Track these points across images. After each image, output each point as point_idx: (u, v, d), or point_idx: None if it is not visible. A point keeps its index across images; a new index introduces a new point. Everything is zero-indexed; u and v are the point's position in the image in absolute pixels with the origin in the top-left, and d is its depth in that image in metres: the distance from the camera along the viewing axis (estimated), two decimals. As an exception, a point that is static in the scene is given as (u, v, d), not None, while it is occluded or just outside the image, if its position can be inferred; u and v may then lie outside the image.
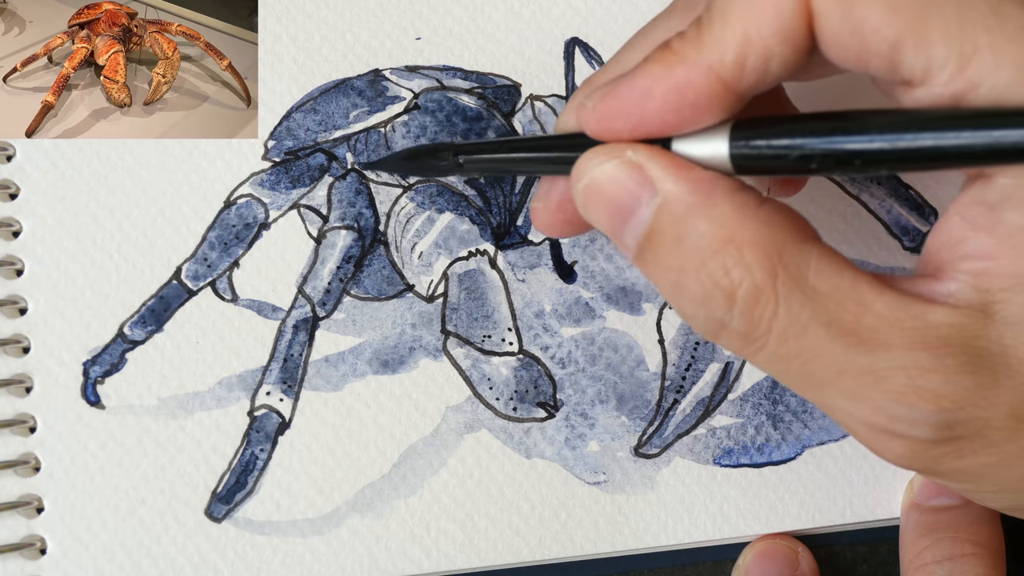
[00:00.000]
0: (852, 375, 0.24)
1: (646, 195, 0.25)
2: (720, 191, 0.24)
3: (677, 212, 0.25)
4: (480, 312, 0.36)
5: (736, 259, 0.24)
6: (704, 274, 0.24)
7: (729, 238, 0.24)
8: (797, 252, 0.24)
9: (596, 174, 0.26)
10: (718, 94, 0.24)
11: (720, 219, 0.24)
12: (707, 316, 0.25)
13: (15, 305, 0.35)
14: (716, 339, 0.25)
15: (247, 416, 0.35)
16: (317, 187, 0.37)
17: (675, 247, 0.25)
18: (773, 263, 0.24)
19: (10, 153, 0.36)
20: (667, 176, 0.25)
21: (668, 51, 0.25)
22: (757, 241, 0.24)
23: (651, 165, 0.25)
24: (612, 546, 0.35)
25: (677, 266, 0.25)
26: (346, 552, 0.34)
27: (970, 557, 0.33)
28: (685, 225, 0.24)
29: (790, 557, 0.35)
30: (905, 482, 0.36)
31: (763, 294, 0.24)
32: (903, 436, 0.24)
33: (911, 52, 0.23)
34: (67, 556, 0.34)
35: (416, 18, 0.38)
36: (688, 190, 0.24)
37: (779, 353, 0.24)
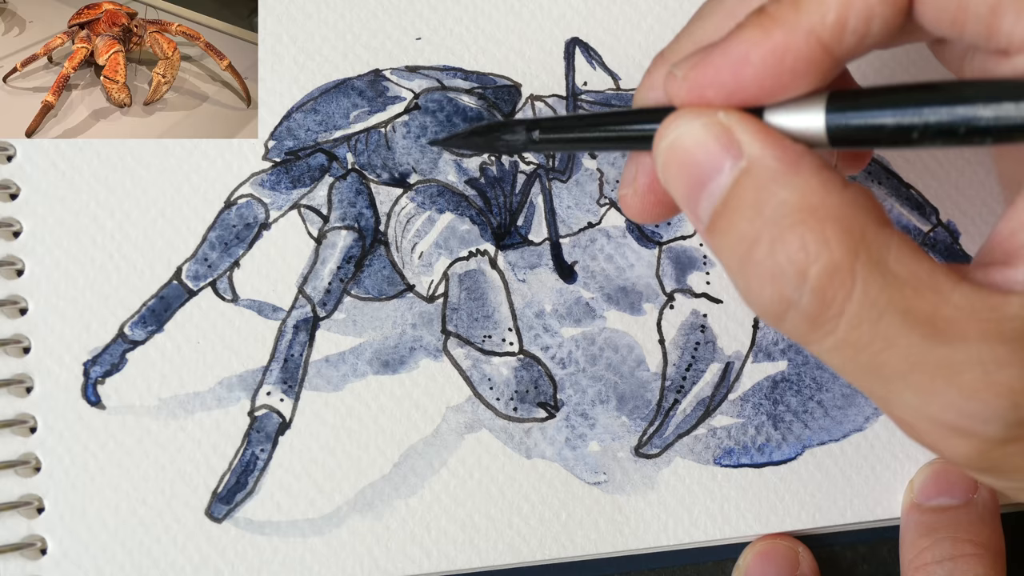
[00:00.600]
0: (926, 368, 0.23)
1: (731, 159, 0.24)
2: (807, 164, 0.23)
3: (761, 179, 0.24)
4: (480, 312, 0.36)
5: (816, 233, 0.23)
6: (779, 245, 0.23)
7: (812, 210, 0.23)
8: (878, 235, 0.23)
9: (682, 132, 0.25)
10: (818, 58, 0.24)
11: (805, 190, 0.23)
12: (774, 294, 0.23)
13: (15, 305, 0.35)
14: (779, 323, 0.24)
15: (247, 416, 0.35)
16: (317, 187, 0.37)
17: (752, 215, 0.24)
18: (855, 242, 0.23)
19: (10, 153, 0.36)
20: (755, 141, 0.24)
21: (765, 15, 0.24)
22: (840, 218, 0.23)
23: (740, 129, 0.24)
24: (612, 546, 0.35)
25: (751, 235, 0.24)
26: (346, 552, 0.34)
27: (970, 557, 0.33)
28: (767, 192, 0.23)
29: (790, 557, 0.35)
30: (905, 482, 0.36)
31: (840, 273, 0.23)
32: (972, 434, 0.23)
33: (1011, 17, 0.22)
34: (67, 556, 0.34)
35: (416, 18, 0.38)
36: (776, 157, 0.24)
37: (849, 339, 0.23)
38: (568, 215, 0.37)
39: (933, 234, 0.38)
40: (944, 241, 0.38)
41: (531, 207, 0.37)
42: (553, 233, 0.37)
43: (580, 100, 0.38)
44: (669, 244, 0.37)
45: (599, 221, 0.37)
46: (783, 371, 0.36)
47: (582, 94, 0.38)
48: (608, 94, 0.38)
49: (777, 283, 0.23)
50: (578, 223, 0.37)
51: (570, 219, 0.37)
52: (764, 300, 0.24)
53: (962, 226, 0.38)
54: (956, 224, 0.38)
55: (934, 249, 0.38)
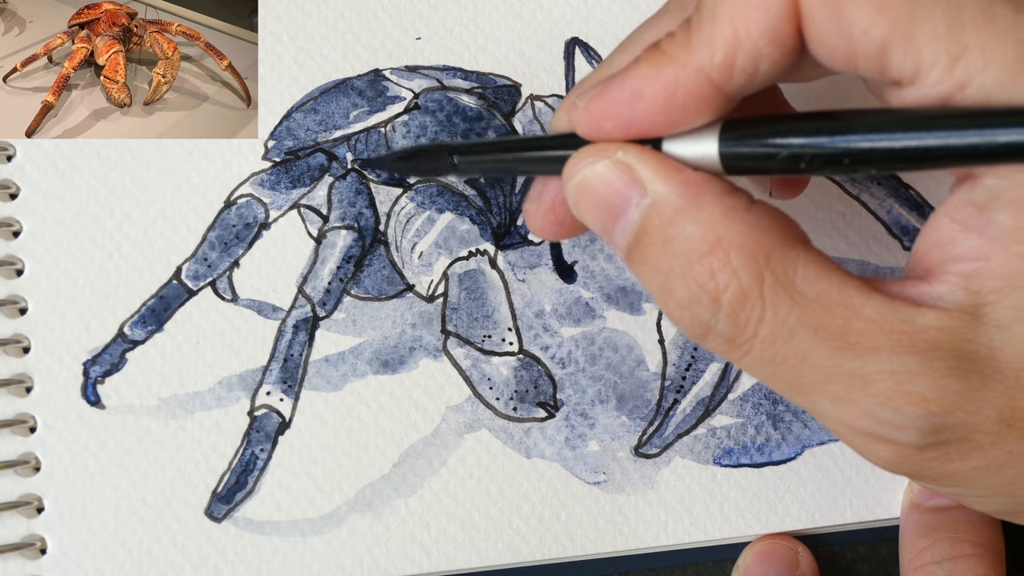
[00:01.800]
0: (839, 379, 0.24)
1: (635, 196, 0.25)
2: (709, 193, 0.24)
3: (666, 214, 0.25)
4: (480, 312, 0.36)
5: (723, 263, 0.24)
6: (690, 277, 0.24)
7: (717, 241, 0.24)
8: (784, 256, 0.24)
9: (587, 173, 0.26)
10: (707, 95, 0.24)
11: (708, 222, 0.24)
12: (693, 319, 0.25)
13: (15, 305, 0.35)
14: (703, 342, 0.25)
15: (247, 416, 0.35)
16: (317, 187, 0.37)
17: (663, 249, 0.25)
18: (760, 267, 0.24)
19: (10, 153, 0.36)
20: (656, 177, 0.25)
21: (658, 52, 0.25)
22: (745, 245, 0.24)
23: (640, 166, 0.25)
24: (612, 546, 0.35)
25: (665, 268, 0.25)
26: (346, 552, 0.34)
27: (970, 558, 0.33)
28: (674, 227, 0.25)
29: (790, 557, 0.35)
30: (905, 482, 0.36)
31: (749, 298, 0.24)
32: (889, 440, 0.24)
33: (899, 53, 0.23)
34: (67, 556, 0.34)
35: (416, 18, 0.38)
36: (677, 192, 0.25)
37: (765, 357, 0.24)
38: (568, 215, 0.37)
39: (933, 234, 0.38)
40: (944, 241, 0.38)
41: (531, 207, 0.37)
42: (553, 233, 0.37)
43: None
44: (669, 244, 0.37)
45: (599, 221, 0.37)
46: (783, 371, 0.36)
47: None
48: (608, 94, 0.38)
49: (693, 310, 0.25)
50: (578, 223, 0.37)
51: (570, 219, 0.37)
52: (685, 324, 0.25)
53: (962, 226, 0.38)
54: (956, 224, 0.38)
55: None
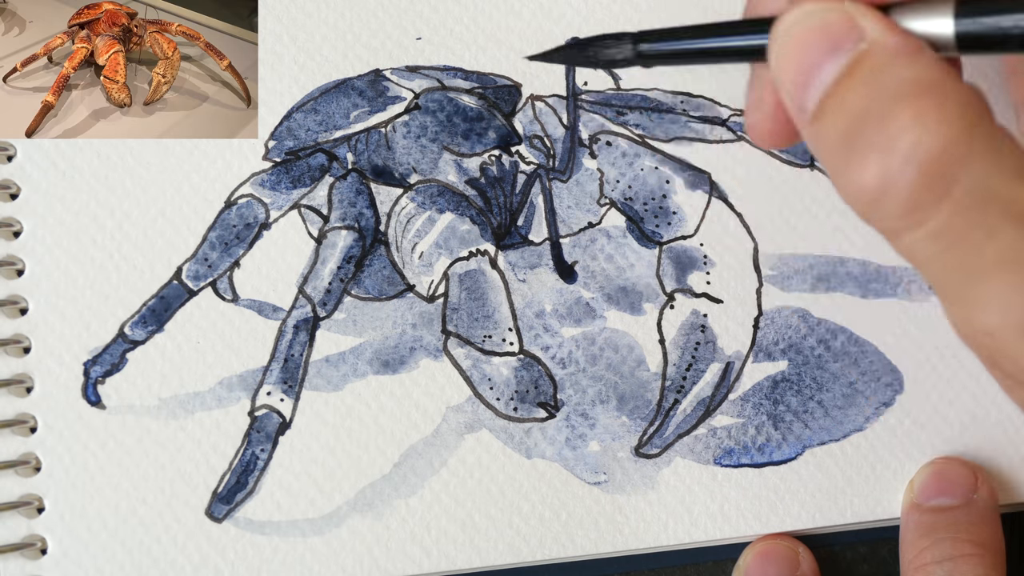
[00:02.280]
0: (1022, 265, 0.21)
1: (851, 40, 0.23)
2: (929, 54, 0.23)
3: (880, 58, 0.23)
4: (480, 312, 0.36)
5: (937, 105, 0.21)
6: (892, 117, 0.22)
7: (933, 86, 0.22)
8: (992, 124, 0.22)
9: (802, 15, 0.24)
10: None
11: (926, 70, 0.22)
12: (877, 172, 0.22)
13: (15, 305, 0.35)
14: (875, 207, 0.22)
15: (248, 416, 0.35)
16: (318, 187, 0.37)
17: (867, 90, 0.22)
18: (973, 123, 0.22)
19: (10, 153, 0.36)
20: (878, 26, 0.23)
21: None
22: (961, 97, 0.22)
23: (863, 16, 0.23)
24: (612, 546, 0.35)
25: (862, 109, 0.22)
26: (346, 552, 0.34)
27: (970, 558, 0.33)
28: (886, 69, 0.22)
29: (790, 557, 0.35)
30: (905, 482, 0.36)
31: (955, 149, 0.21)
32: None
33: None
34: (67, 556, 0.34)
35: (417, 18, 0.38)
36: (897, 42, 0.23)
37: (950, 224, 0.22)
38: (568, 215, 0.37)
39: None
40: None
41: (531, 207, 0.37)
42: (553, 233, 0.37)
43: (580, 100, 0.38)
44: (669, 244, 0.37)
45: (599, 221, 0.37)
46: (783, 371, 0.36)
47: (582, 94, 0.38)
48: (608, 94, 0.38)
49: (883, 158, 0.22)
50: (578, 223, 0.37)
51: (570, 219, 0.37)
52: (864, 180, 0.22)
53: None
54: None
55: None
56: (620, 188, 0.37)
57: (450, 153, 0.37)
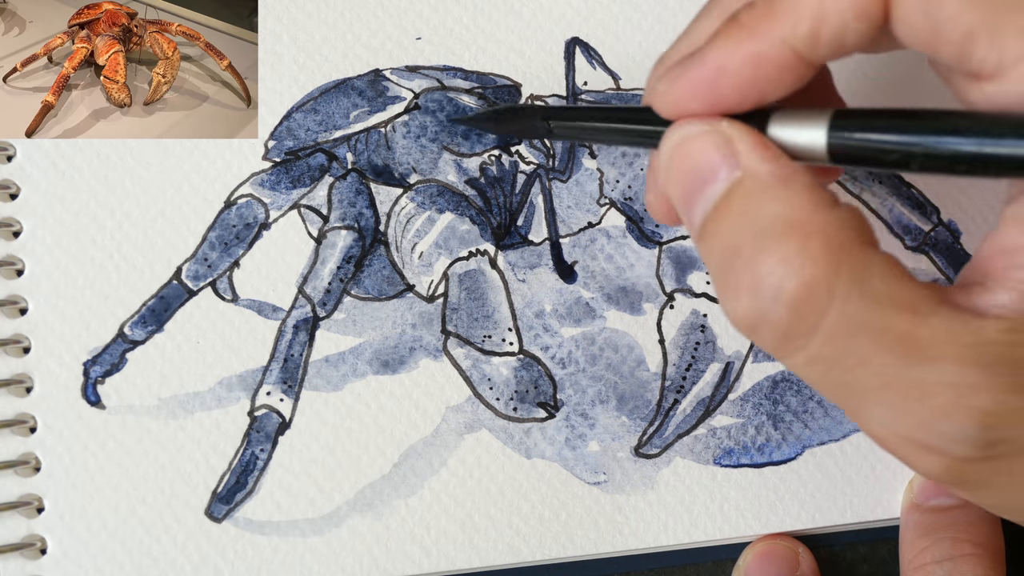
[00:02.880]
0: (898, 387, 0.23)
1: (726, 168, 0.24)
2: (799, 181, 0.24)
3: (751, 189, 0.24)
4: (480, 312, 0.36)
5: (799, 247, 0.23)
6: (760, 256, 0.23)
7: (798, 225, 0.23)
8: (863, 253, 0.23)
9: (685, 138, 0.25)
10: (791, 65, 0.24)
11: (793, 204, 0.23)
12: (750, 305, 0.23)
13: (15, 305, 0.35)
14: (753, 334, 0.24)
15: (247, 416, 0.35)
16: (317, 187, 0.37)
17: (739, 224, 0.24)
18: (837, 258, 0.23)
19: (10, 153, 0.36)
20: (753, 152, 0.24)
21: (737, 25, 0.24)
22: (825, 234, 0.23)
23: (740, 140, 0.24)
24: (612, 546, 0.35)
25: (734, 244, 0.24)
26: (346, 552, 0.34)
27: (970, 557, 0.33)
28: (756, 203, 0.24)
29: (790, 557, 0.35)
30: (905, 482, 0.36)
31: (819, 287, 0.23)
32: (942, 452, 0.23)
33: (984, 45, 0.22)
34: (67, 556, 0.34)
35: (416, 18, 0.38)
36: (769, 170, 0.24)
37: (822, 354, 0.23)
38: (568, 215, 0.37)
39: (934, 233, 0.38)
40: (945, 241, 0.38)
41: (531, 207, 0.37)
42: (553, 233, 0.37)
43: (581, 100, 0.38)
44: (669, 244, 0.37)
45: (599, 221, 0.37)
46: (783, 371, 0.36)
47: (582, 94, 0.38)
48: (608, 94, 0.38)
49: (753, 294, 0.23)
50: (578, 223, 0.37)
51: (570, 219, 0.37)
52: (739, 310, 0.24)
53: (963, 225, 0.38)
54: (957, 224, 0.38)
55: (935, 249, 0.38)
56: (620, 188, 0.37)
57: (450, 153, 0.37)
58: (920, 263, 0.37)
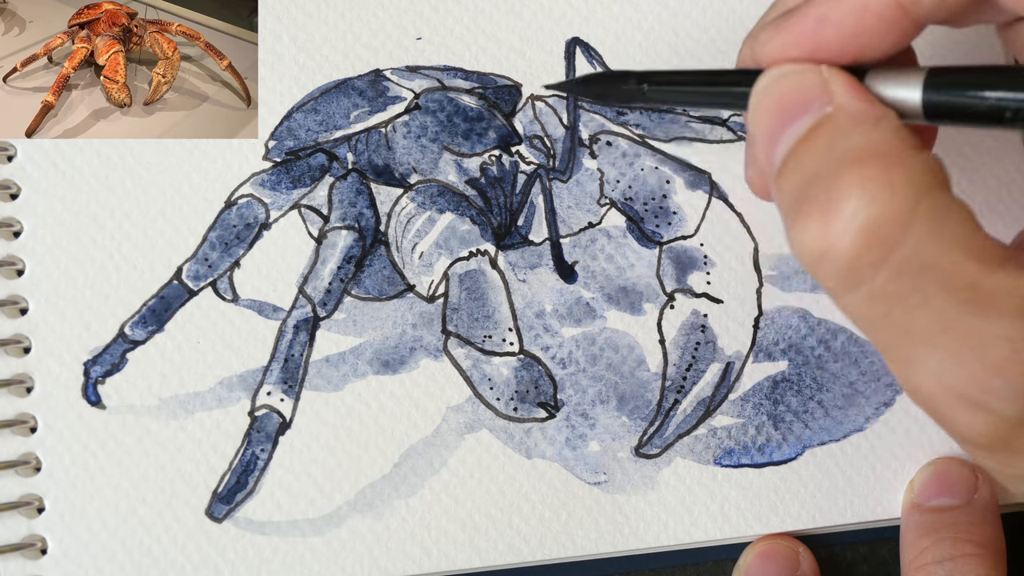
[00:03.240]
0: (956, 334, 0.22)
1: (818, 103, 0.24)
2: (889, 122, 0.24)
3: (841, 123, 0.24)
4: (481, 312, 0.36)
5: (881, 174, 0.22)
6: (840, 181, 0.23)
7: (881, 155, 0.23)
8: (942, 196, 0.23)
9: (780, 75, 0.25)
10: (896, 18, 0.24)
11: (880, 139, 0.23)
12: (820, 230, 0.23)
13: (15, 305, 0.35)
14: (818, 265, 0.23)
15: (248, 416, 0.35)
16: (318, 187, 0.37)
17: (822, 153, 0.23)
18: (918, 193, 0.22)
19: (10, 153, 0.36)
20: (846, 91, 0.24)
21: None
22: (909, 169, 0.23)
23: (835, 80, 0.24)
24: (612, 546, 0.35)
25: (812, 171, 0.23)
26: (346, 552, 0.34)
27: (971, 558, 0.33)
28: (844, 135, 0.23)
29: (791, 557, 0.35)
30: (905, 482, 0.36)
31: (896, 218, 0.22)
32: (989, 410, 0.23)
33: None
34: (68, 556, 0.34)
35: (417, 18, 0.38)
36: (860, 108, 0.24)
37: (887, 289, 0.22)
38: (568, 215, 0.37)
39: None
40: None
41: (531, 207, 0.37)
42: (553, 233, 0.37)
43: (581, 100, 0.38)
44: (670, 244, 0.37)
45: (599, 221, 0.37)
46: (783, 371, 0.36)
47: (582, 94, 0.38)
48: (608, 94, 0.38)
49: (827, 218, 0.23)
50: (578, 223, 0.37)
51: (570, 219, 0.37)
52: (808, 236, 0.23)
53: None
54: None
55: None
56: (620, 188, 0.37)
57: (450, 153, 0.37)
58: None
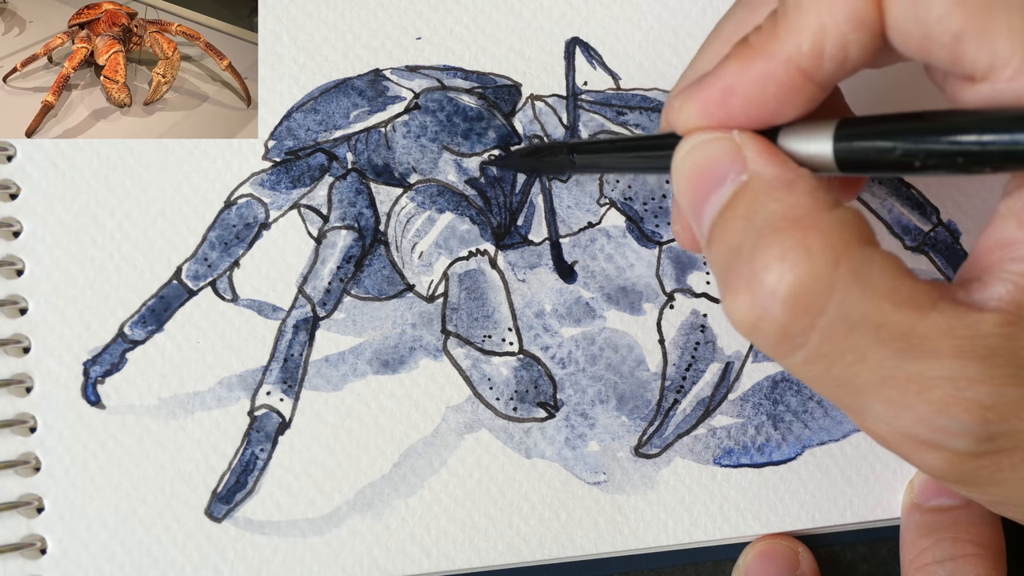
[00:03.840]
0: (896, 383, 0.23)
1: (734, 172, 0.25)
2: (802, 182, 0.24)
3: (756, 190, 0.24)
4: (480, 312, 0.36)
5: (797, 242, 0.23)
6: (759, 252, 0.23)
7: (797, 220, 0.23)
8: (861, 251, 0.23)
9: (696, 145, 0.26)
10: (799, 84, 0.24)
11: (794, 204, 0.24)
12: (748, 303, 0.23)
13: (15, 305, 0.35)
14: (752, 333, 0.24)
15: (247, 416, 0.35)
16: (317, 187, 0.37)
17: (742, 224, 0.24)
18: (836, 253, 0.23)
19: (10, 153, 0.36)
20: (759, 157, 0.25)
21: (746, 46, 0.25)
22: (825, 231, 0.23)
23: (749, 147, 0.25)
24: (612, 546, 0.35)
25: (736, 244, 0.24)
26: (346, 552, 0.34)
27: (971, 558, 0.33)
28: (759, 203, 0.24)
29: (790, 557, 0.35)
30: (905, 482, 0.36)
31: (817, 283, 0.23)
32: (942, 448, 0.23)
33: (974, 45, 0.23)
34: (67, 556, 0.34)
35: (416, 18, 0.38)
36: (773, 173, 0.24)
37: (821, 352, 0.23)
38: (568, 215, 0.37)
39: (933, 234, 0.38)
40: (944, 241, 0.38)
41: (531, 207, 0.37)
42: (553, 233, 0.37)
43: (580, 100, 0.38)
44: (669, 244, 0.37)
45: (599, 221, 0.37)
46: (783, 371, 0.36)
47: (582, 94, 0.38)
48: (608, 94, 0.38)
49: (752, 291, 0.23)
50: (578, 223, 0.37)
51: (570, 219, 0.37)
52: (739, 308, 0.24)
53: (963, 225, 0.38)
54: (957, 224, 0.38)
55: (934, 249, 0.38)
56: (620, 188, 0.37)
57: (450, 153, 0.37)
58: (920, 263, 0.37)
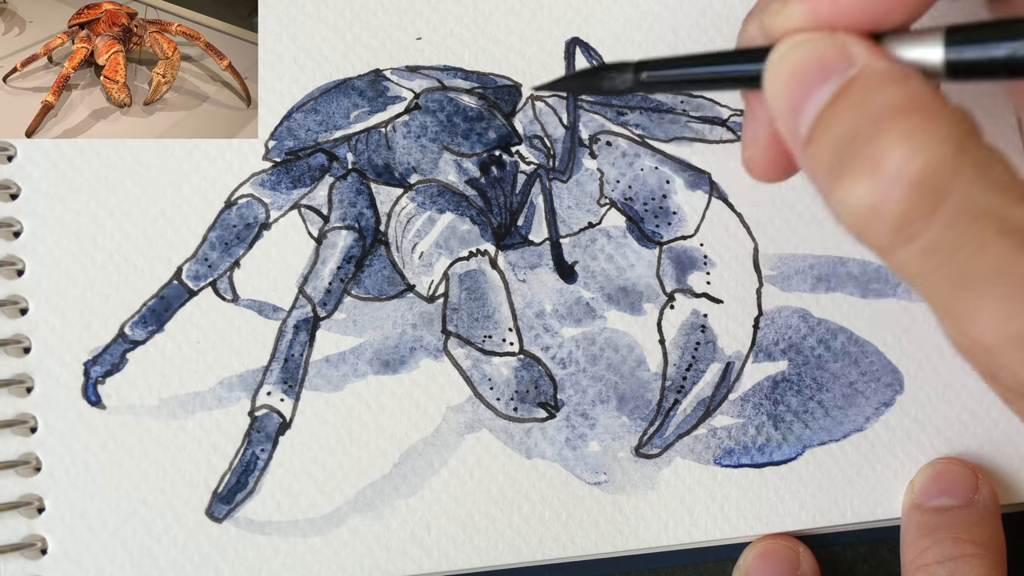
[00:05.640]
0: (1013, 278, 0.22)
1: (841, 67, 0.24)
2: (917, 75, 0.23)
3: (870, 81, 0.23)
4: (481, 312, 0.36)
5: (924, 124, 0.22)
6: (882, 135, 0.22)
7: (919, 108, 0.22)
8: (983, 143, 0.22)
9: (796, 44, 0.24)
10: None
11: (911, 93, 0.23)
12: (868, 189, 0.22)
13: (16, 305, 0.35)
14: (867, 224, 0.23)
15: (248, 416, 0.35)
16: (318, 187, 0.37)
17: (856, 113, 0.23)
18: (962, 139, 0.22)
19: (10, 153, 0.36)
20: (869, 53, 0.24)
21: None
22: (948, 118, 0.22)
23: (855, 44, 0.24)
24: (612, 546, 0.35)
25: (852, 131, 0.23)
26: (346, 552, 0.34)
27: (971, 558, 0.33)
28: (876, 92, 0.23)
29: (791, 557, 0.35)
30: (905, 482, 0.36)
31: (944, 166, 0.22)
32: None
33: None
34: (68, 556, 0.34)
35: (417, 18, 0.38)
36: (886, 67, 0.23)
37: (942, 239, 0.22)
38: (568, 215, 0.37)
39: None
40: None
41: (531, 207, 0.37)
42: (553, 233, 0.37)
43: (580, 100, 0.38)
44: (669, 244, 0.37)
45: (599, 221, 0.37)
46: (783, 371, 0.36)
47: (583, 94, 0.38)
48: (608, 94, 0.38)
49: (873, 175, 0.22)
50: (578, 223, 0.37)
51: (570, 219, 0.37)
52: (855, 195, 0.23)
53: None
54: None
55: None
56: (620, 188, 0.37)
57: (450, 153, 0.37)
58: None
